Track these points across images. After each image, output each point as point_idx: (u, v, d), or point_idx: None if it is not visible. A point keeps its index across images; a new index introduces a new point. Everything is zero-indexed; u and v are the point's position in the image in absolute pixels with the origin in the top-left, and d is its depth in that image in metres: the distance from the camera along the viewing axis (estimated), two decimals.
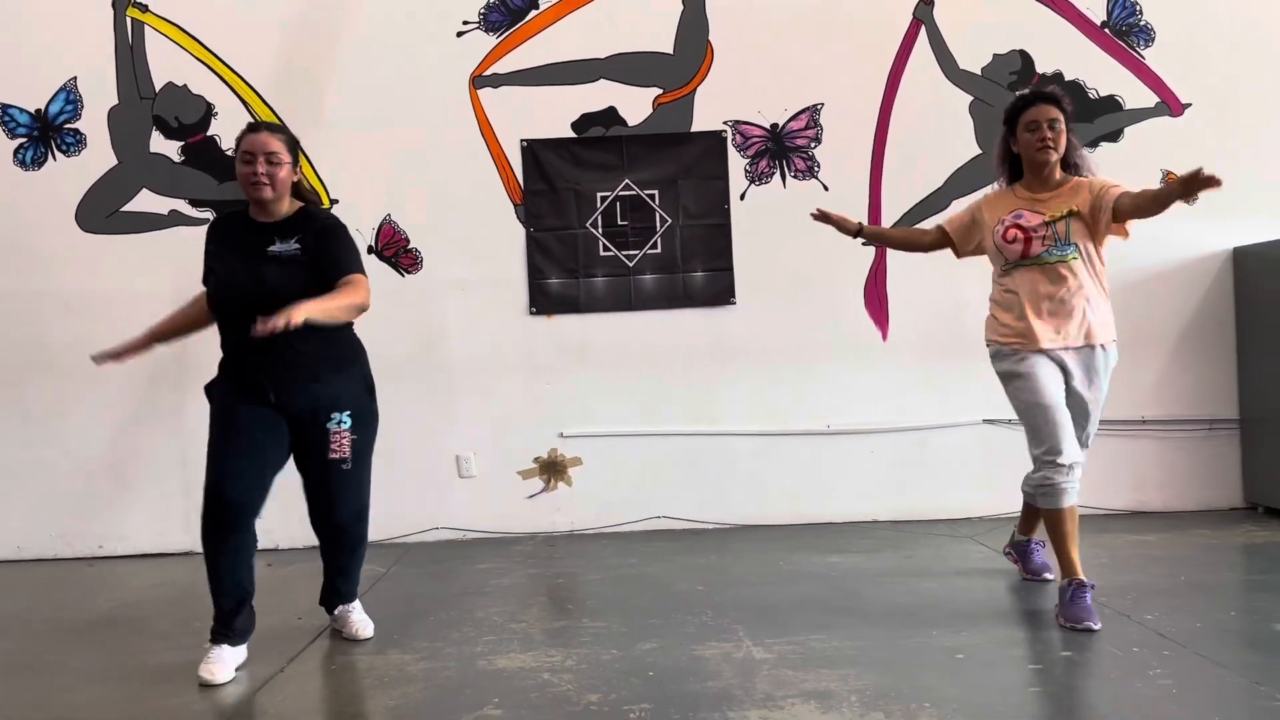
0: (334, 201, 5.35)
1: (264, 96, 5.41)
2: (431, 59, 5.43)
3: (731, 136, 5.49)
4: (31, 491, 5.37)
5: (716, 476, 5.49)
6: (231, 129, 3.37)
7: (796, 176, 5.50)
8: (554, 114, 5.45)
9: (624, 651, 3.38)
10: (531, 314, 5.48)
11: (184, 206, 5.39)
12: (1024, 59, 5.48)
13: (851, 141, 5.48)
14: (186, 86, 5.42)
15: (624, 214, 5.49)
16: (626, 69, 5.47)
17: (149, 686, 3.17)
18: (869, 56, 5.48)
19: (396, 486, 5.31)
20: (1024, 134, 3.66)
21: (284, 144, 3.39)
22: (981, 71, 5.48)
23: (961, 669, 3.10)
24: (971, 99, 5.48)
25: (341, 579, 3.71)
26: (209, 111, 5.40)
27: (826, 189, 5.47)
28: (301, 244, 3.34)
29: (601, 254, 5.49)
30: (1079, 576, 3.53)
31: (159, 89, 5.42)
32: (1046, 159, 3.63)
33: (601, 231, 5.49)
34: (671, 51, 5.49)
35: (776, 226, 5.44)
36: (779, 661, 3.20)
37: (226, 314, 3.38)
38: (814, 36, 5.47)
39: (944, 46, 5.47)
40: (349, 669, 3.39)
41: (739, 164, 5.50)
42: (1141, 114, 5.49)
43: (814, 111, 5.50)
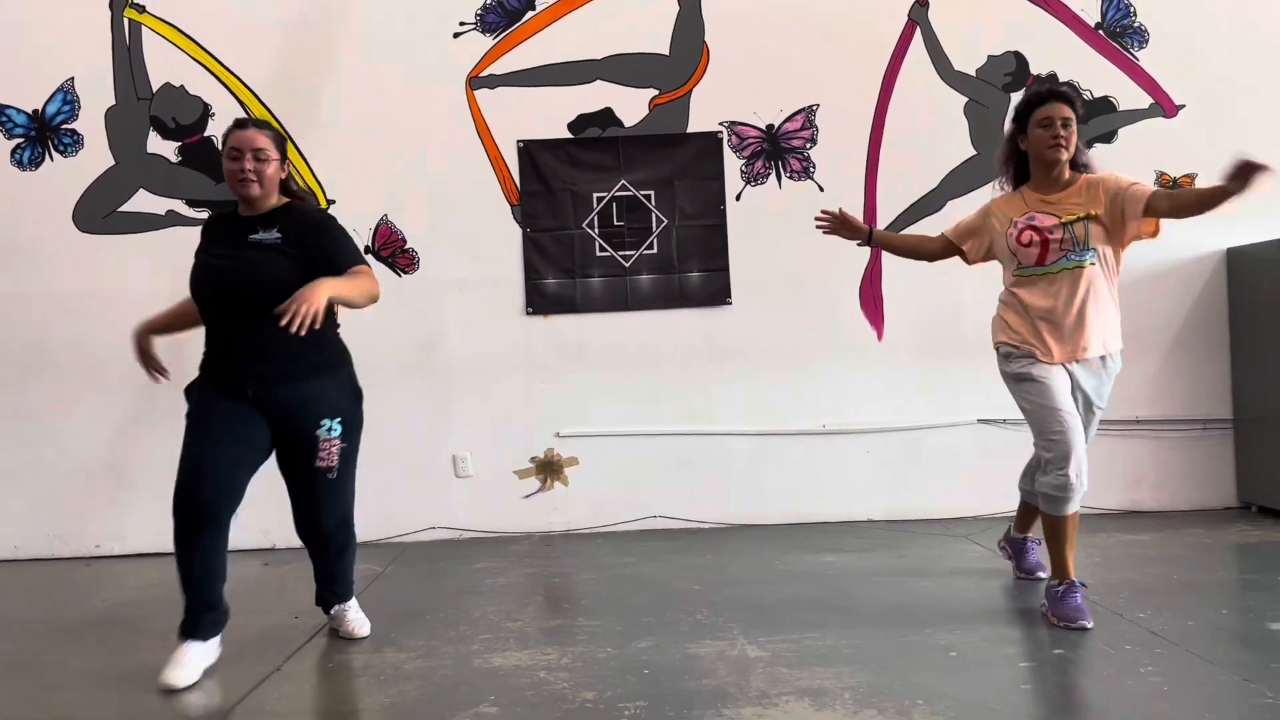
0: (331, 202, 5.37)
1: (261, 97, 5.43)
2: (428, 60, 5.44)
3: (727, 137, 5.51)
4: (29, 491, 5.38)
5: (712, 476, 5.51)
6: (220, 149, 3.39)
7: (792, 177, 5.52)
8: (550, 115, 5.47)
9: (619, 650, 3.40)
10: (528, 314, 5.50)
11: (181, 207, 5.40)
12: (1018, 60, 5.50)
13: (847, 142, 5.50)
14: (184, 87, 5.43)
15: (620, 214, 5.51)
16: (623, 70, 5.49)
17: (146, 686, 3.18)
18: (864, 57, 5.50)
19: (393, 486, 5.33)
20: (1036, 130, 3.56)
21: (271, 141, 3.36)
22: (976, 73, 5.50)
23: (955, 667, 3.12)
24: (966, 100, 5.50)
25: (333, 581, 3.71)
26: (206, 112, 5.42)
27: (822, 190, 5.49)
28: (283, 234, 3.30)
29: (598, 254, 5.50)
30: (1071, 577, 3.54)
31: (156, 89, 5.43)
32: (1058, 158, 3.54)
33: (598, 232, 5.51)
34: (667, 53, 5.50)
35: (772, 227, 5.46)
36: (773, 660, 3.22)
37: (204, 301, 3.35)
38: (809, 38, 5.49)
39: (939, 48, 5.49)
40: (345, 667, 3.40)
41: (735, 165, 5.51)
42: (1135, 115, 5.51)
43: (809, 112, 5.52)
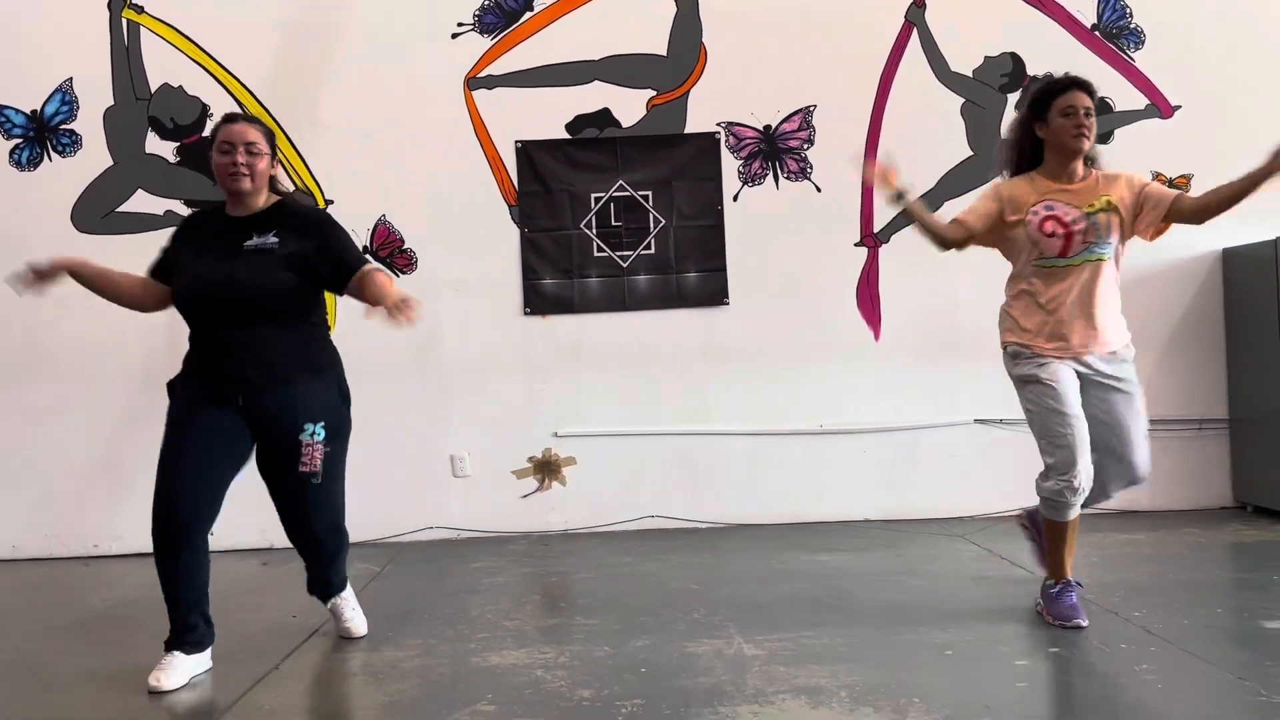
0: (329, 202, 5.38)
1: (259, 98, 5.43)
2: (427, 60, 5.45)
3: (725, 138, 5.52)
4: (27, 491, 5.38)
5: (709, 476, 5.52)
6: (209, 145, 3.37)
7: (789, 178, 5.53)
8: (548, 115, 5.48)
9: (616, 648, 3.40)
10: (526, 314, 5.51)
11: (179, 207, 5.40)
12: (1015, 61, 5.51)
13: (844, 143, 5.50)
14: (182, 88, 5.44)
15: (618, 215, 5.52)
16: (620, 71, 5.50)
17: (144, 685, 3.18)
18: (861, 58, 5.51)
19: (391, 486, 5.34)
20: (1058, 119, 3.46)
21: (262, 135, 3.31)
22: (972, 73, 5.52)
23: (950, 665, 3.13)
24: (963, 101, 5.51)
25: (326, 583, 3.66)
26: (204, 113, 5.42)
27: (819, 190, 5.50)
28: (280, 237, 3.24)
29: (595, 255, 5.51)
30: (1067, 577, 3.53)
31: (154, 90, 5.44)
32: (1081, 147, 3.46)
33: (595, 232, 5.52)
34: (665, 53, 5.51)
35: (769, 227, 5.47)
36: (770, 658, 3.22)
37: (196, 311, 3.27)
38: (807, 38, 5.50)
39: (935, 49, 5.50)
40: (343, 666, 3.41)
41: (732, 165, 5.53)
42: (1132, 116, 5.52)
43: (807, 113, 5.53)
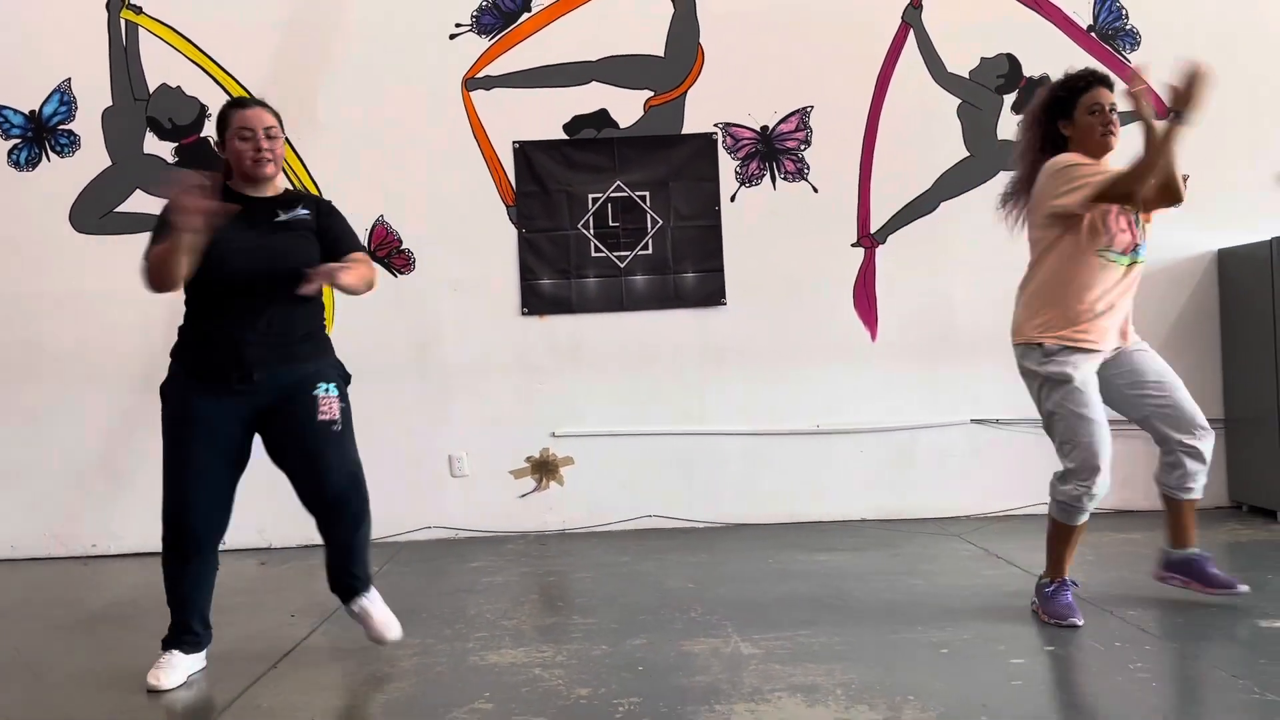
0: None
1: (257, 98, 5.43)
2: (424, 61, 5.46)
3: (722, 138, 5.54)
4: (26, 491, 5.38)
5: (707, 476, 5.53)
6: (216, 132, 3.35)
7: (786, 178, 5.55)
8: (546, 116, 5.49)
9: (614, 647, 3.42)
10: (524, 314, 5.52)
11: None
12: (1011, 62, 5.53)
13: (841, 144, 5.53)
14: (180, 88, 5.45)
15: (615, 215, 5.53)
16: (618, 71, 5.51)
17: (143, 685, 3.19)
18: (858, 59, 5.52)
19: (389, 486, 5.30)
20: (1086, 117, 3.44)
21: (275, 116, 3.33)
22: (969, 75, 5.53)
23: (946, 663, 3.14)
24: (959, 102, 5.53)
25: (350, 559, 3.39)
26: (202, 113, 5.43)
27: (816, 191, 5.52)
28: (308, 210, 3.30)
29: (593, 255, 5.53)
30: (1064, 576, 3.55)
31: (153, 90, 5.45)
32: (1111, 145, 3.45)
33: (593, 233, 5.53)
34: (662, 54, 5.53)
35: (767, 228, 5.49)
36: (766, 657, 3.24)
37: (225, 284, 3.14)
38: (804, 39, 5.52)
39: (932, 50, 5.52)
40: (341, 665, 3.41)
41: (729, 166, 5.54)
42: (1127, 117, 5.52)
43: (804, 114, 5.55)
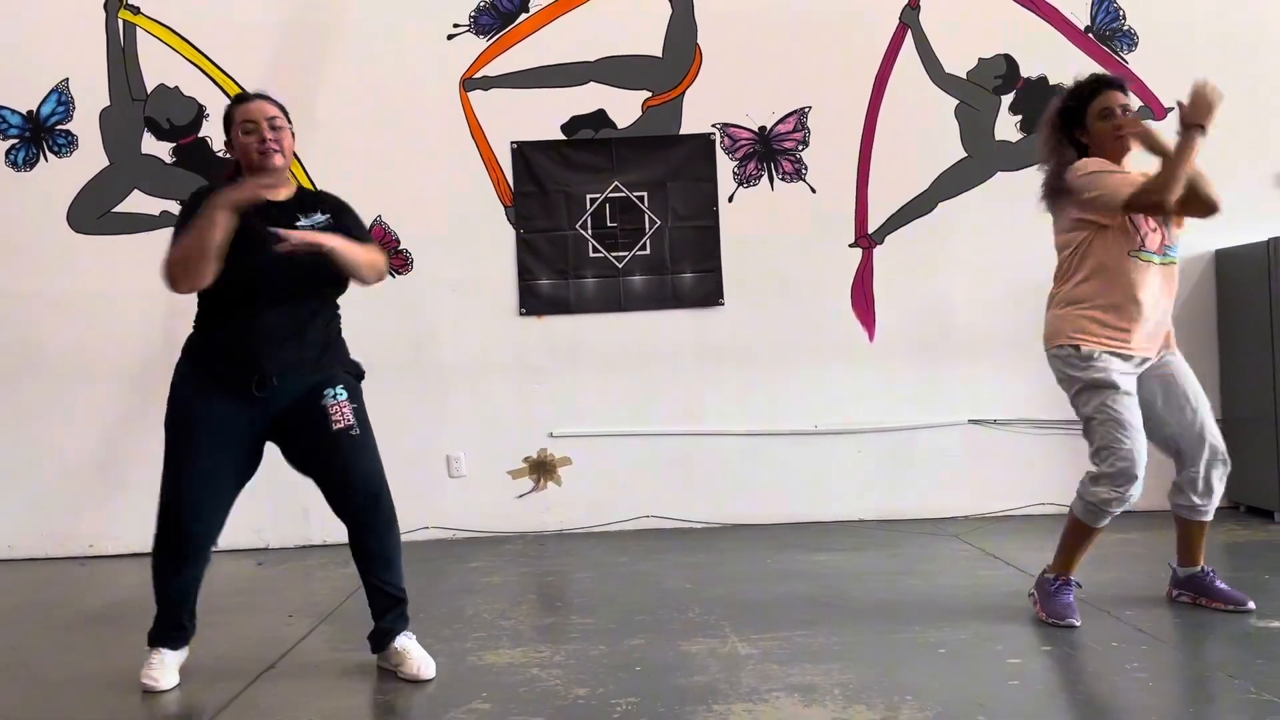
0: None
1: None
2: (422, 61, 5.47)
3: (720, 139, 5.54)
4: (24, 491, 5.38)
5: (705, 476, 5.54)
6: (223, 131, 3.34)
7: (784, 179, 5.55)
8: (544, 116, 5.50)
9: (612, 647, 3.42)
10: (521, 315, 5.52)
11: (175, 208, 5.34)
12: (1009, 63, 5.54)
13: (839, 144, 5.53)
14: (178, 88, 5.45)
15: (613, 216, 5.54)
16: (616, 72, 5.51)
17: (140, 684, 3.19)
18: (856, 60, 5.53)
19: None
20: (1098, 123, 3.44)
21: (279, 108, 3.21)
22: (967, 75, 5.54)
23: (943, 663, 3.14)
24: (957, 103, 5.53)
25: (388, 570, 3.24)
26: (200, 113, 5.43)
27: (814, 191, 5.52)
28: (328, 214, 3.26)
29: (591, 255, 5.53)
30: (1070, 576, 3.56)
31: (150, 91, 5.45)
32: (1129, 146, 3.45)
33: (591, 233, 5.53)
34: (660, 55, 5.53)
35: (764, 228, 5.49)
36: (764, 656, 3.24)
37: (253, 292, 3.07)
38: (802, 40, 5.52)
39: (930, 50, 5.52)
40: (339, 665, 3.41)
41: (727, 166, 5.54)
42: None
43: (802, 114, 5.55)
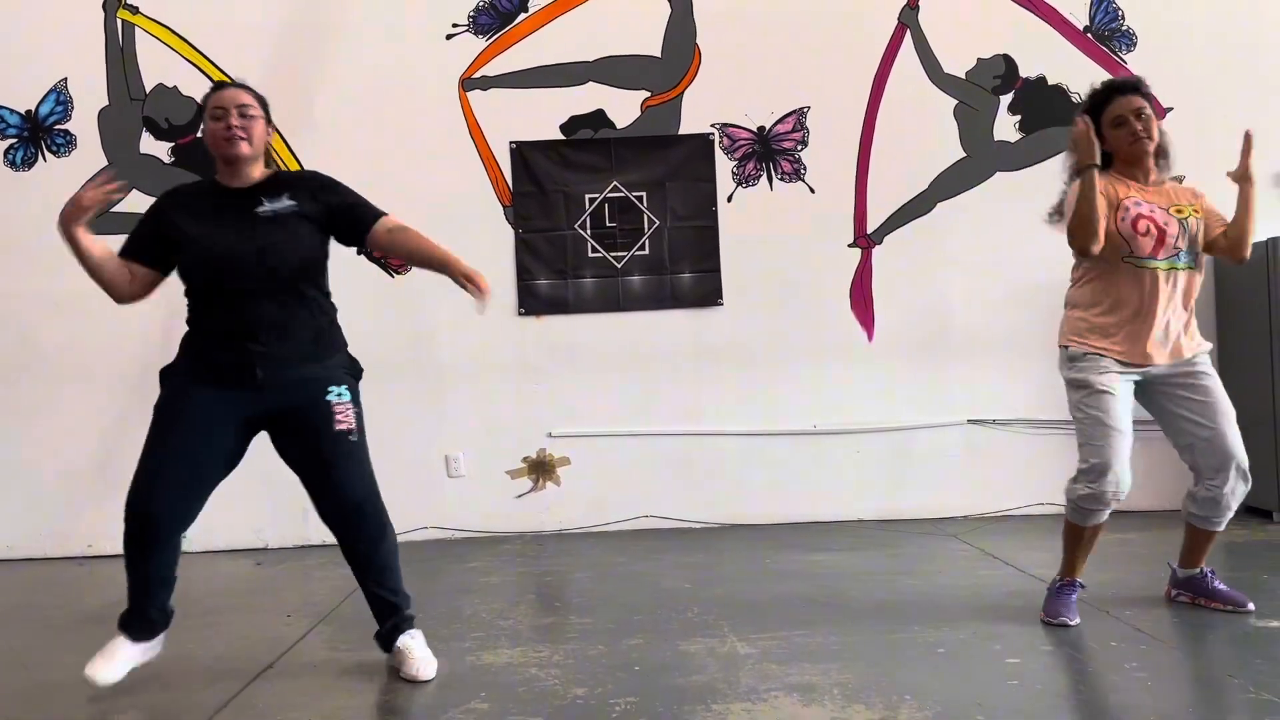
0: None
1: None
2: (421, 61, 5.47)
3: (719, 139, 5.54)
4: (22, 491, 5.39)
5: (704, 476, 5.54)
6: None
7: (783, 179, 5.55)
8: (543, 116, 5.50)
9: (610, 647, 3.42)
10: (520, 314, 5.52)
11: None
12: (1008, 63, 5.54)
13: (838, 144, 5.54)
14: (177, 88, 5.45)
15: (612, 215, 5.54)
16: (615, 72, 5.51)
17: (138, 683, 3.19)
18: (855, 60, 5.53)
19: (385, 486, 5.23)
20: (1112, 131, 3.44)
21: (255, 99, 3.14)
22: (966, 75, 5.54)
23: (942, 663, 3.14)
24: (956, 103, 5.54)
25: (382, 576, 3.26)
26: (199, 113, 5.41)
27: (813, 191, 5.53)
28: (296, 199, 3.08)
29: (590, 255, 5.53)
30: (1073, 577, 3.56)
31: (149, 90, 5.45)
32: (1145, 149, 3.43)
33: (590, 233, 5.53)
34: (659, 54, 5.53)
35: (763, 229, 5.49)
36: (763, 656, 3.24)
37: (215, 286, 3.03)
38: (801, 40, 5.53)
39: (929, 50, 5.53)
40: (337, 665, 3.41)
41: (726, 166, 5.55)
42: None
43: (800, 114, 5.55)
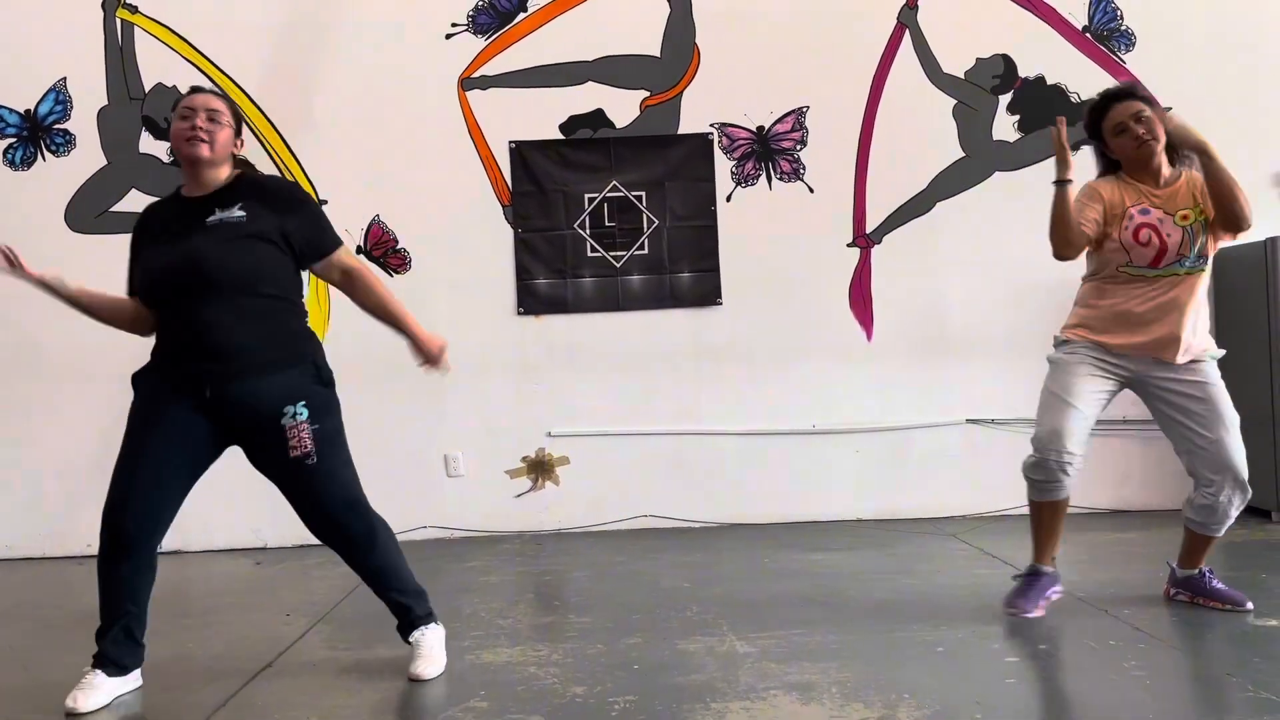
0: (323, 201, 5.37)
1: (253, 97, 5.44)
2: (420, 61, 5.47)
3: (718, 139, 5.54)
4: (21, 491, 5.39)
5: (702, 476, 5.54)
6: None
7: (782, 179, 5.55)
8: (542, 116, 5.50)
9: (609, 646, 3.42)
10: (519, 314, 5.52)
11: None
12: (1007, 63, 5.54)
13: (837, 144, 5.54)
14: (176, 88, 5.44)
15: (611, 215, 5.54)
16: (614, 71, 5.52)
17: (140, 684, 3.19)
18: (854, 60, 5.53)
19: (385, 485, 5.28)
20: (1115, 139, 3.44)
21: (227, 107, 3.11)
22: (965, 75, 5.54)
23: (941, 662, 3.14)
24: (955, 102, 5.54)
25: (382, 579, 3.22)
26: None
27: (812, 191, 5.53)
28: (247, 209, 3.01)
29: (589, 255, 5.53)
30: (1036, 564, 3.56)
31: (148, 90, 5.45)
32: (1151, 151, 3.40)
33: (589, 232, 5.53)
34: (659, 54, 5.53)
35: (762, 228, 5.50)
36: (762, 655, 3.24)
37: (156, 296, 3.06)
38: (800, 40, 5.53)
39: (928, 50, 5.53)
40: (336, 665, 3.41)
41: (725, 166, 5.55)
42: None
43: (799, 114, 5.55)
